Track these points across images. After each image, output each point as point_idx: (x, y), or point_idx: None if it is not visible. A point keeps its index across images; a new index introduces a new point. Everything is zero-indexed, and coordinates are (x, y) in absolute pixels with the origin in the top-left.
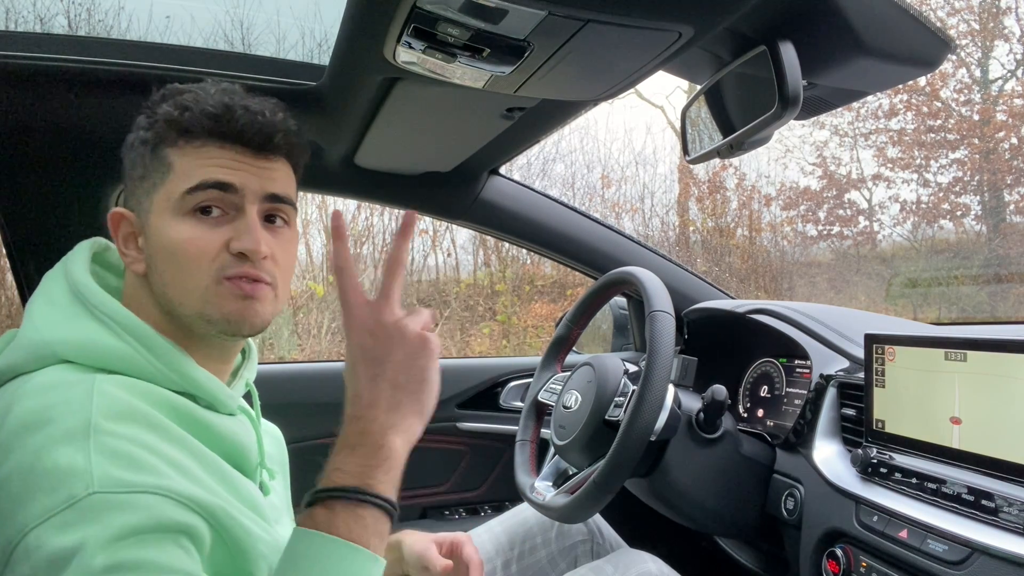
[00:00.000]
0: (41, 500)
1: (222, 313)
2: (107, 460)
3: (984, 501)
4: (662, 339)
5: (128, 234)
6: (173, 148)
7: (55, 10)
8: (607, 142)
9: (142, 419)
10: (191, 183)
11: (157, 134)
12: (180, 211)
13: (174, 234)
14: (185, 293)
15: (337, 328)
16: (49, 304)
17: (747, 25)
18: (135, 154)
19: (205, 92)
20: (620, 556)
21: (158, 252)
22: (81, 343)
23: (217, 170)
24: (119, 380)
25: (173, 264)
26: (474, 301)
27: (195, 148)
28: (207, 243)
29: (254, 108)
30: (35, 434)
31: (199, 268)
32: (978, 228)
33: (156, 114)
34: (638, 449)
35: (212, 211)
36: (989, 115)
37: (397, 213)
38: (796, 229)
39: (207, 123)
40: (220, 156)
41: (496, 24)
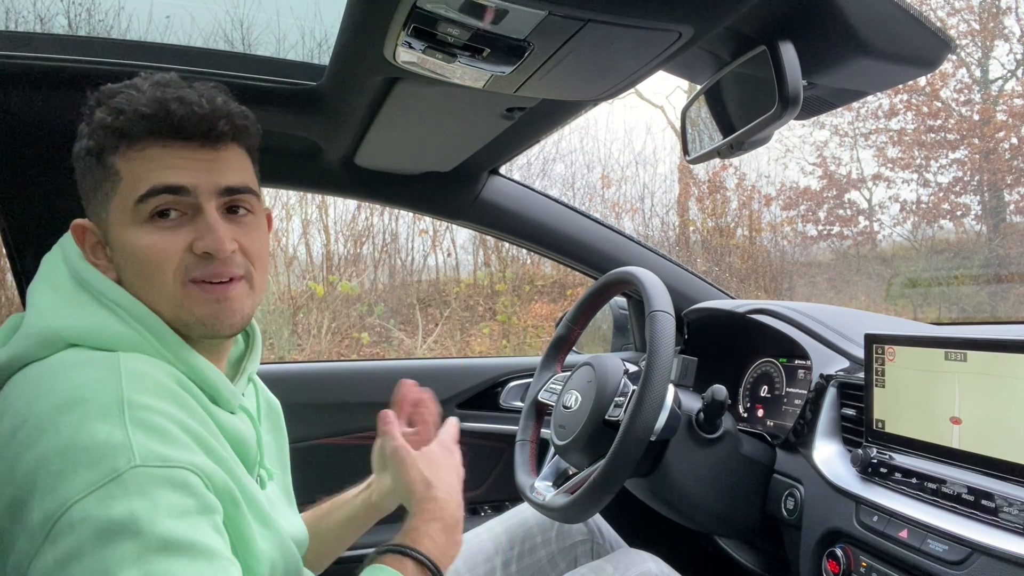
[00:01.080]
0: (83, 474)
1: (196, 316)
2: (144, 434)
3: (984, 501)
4: (662, 339)
5: (95, 244)
6: (116, 155)
7: (55, 10)
8: (607, 142)
9: (169, 395)
10: (141, 191)
11: (98, 142)
12: (137, 220)
13: (135, 242)
14: (157, 300)
15: (337, 328)
16: (53, 291)
17: (747, 25)
18: (83, 164)
19: (138, 90)
20: (620, 556)
21: (124, 261)
22: (89, 329)
23: (164, 172)
24: (142, 357)
25: (139, 272)
26: (474, 301)
27: (138, 152)
28: (168, 248)
29: (189, 99)
30: (70, 413)
31: (164, 274)
32: (978, 228)
33: (94, 121)
34: (638, 449)
35: (170, 214)
36: (989, 115)
37: (397, 213)
38: (796, 229)
39: (144, 124)
40: (164, 156)
41: (496, 24)
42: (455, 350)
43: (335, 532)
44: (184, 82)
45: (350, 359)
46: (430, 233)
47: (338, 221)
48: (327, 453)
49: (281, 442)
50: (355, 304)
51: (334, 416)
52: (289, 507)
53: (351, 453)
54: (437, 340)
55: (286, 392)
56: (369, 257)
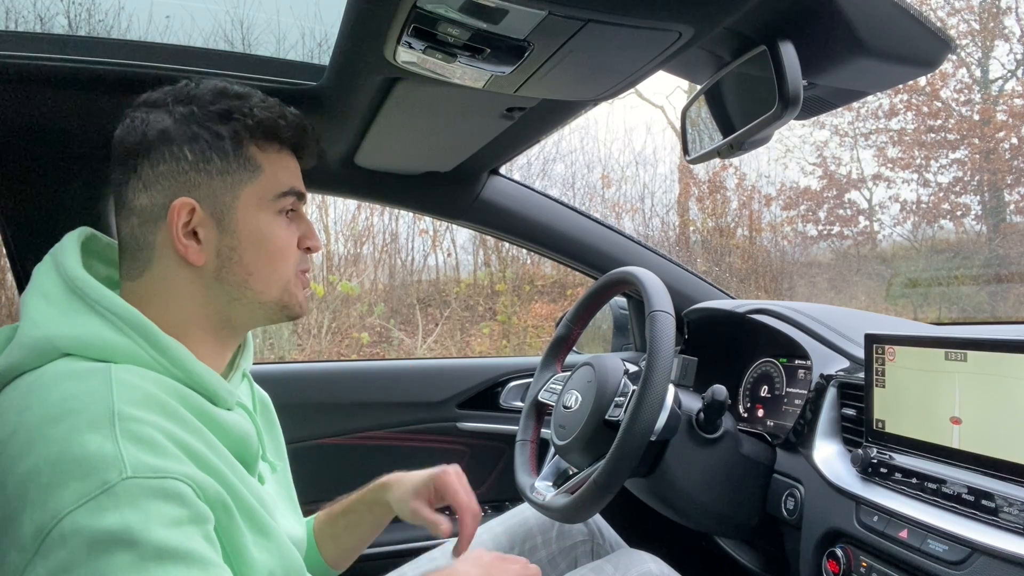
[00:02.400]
0: (74, 487)
1: (297, 300)
2: (135, 446)
3: (984, 501)
4: (662, 339)
5: (187, 224)
6: (257, 148)
7: (55, 10)
8: (607, 142)
9: (159, 407)
10: (283, 188)
11: (239, 131)
12: (272, 210)
13: (270, 230)
14: (271, 282)
15: (337, 328)
16: (45, 300)
17: (747, 25)
18: (205, 146)
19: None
20: (620, 556)
21: (247, 244)
22: (82, 338)
23: (294, 179)
24: (133, 369)
25: (264, 255)
26: (474, 301)
27: (276, 153)
28: (291, 241)
29: (304, 123)
30: (59, 424)
31: (287, 261)
32: (978, 228)
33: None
34: (638, 449)
35: (289, 214)
36: (989, 115)
37: (397, 213)
38: (796, 229)
39: (291, 135)
40: (289, 164)
41: (496, 24)
42: (455, 350)
43: (354, 531)
44: None
45: (350, 359)
46: (430, 233)
47: (338, 221)
48: (327, 453)
49: (276, 436)
50: (355, 304)
51: (334, 416)
52: (290, 504)
53: (351, 453)
54: (437, 340)
55: (286, 392)
56: (369, 257)
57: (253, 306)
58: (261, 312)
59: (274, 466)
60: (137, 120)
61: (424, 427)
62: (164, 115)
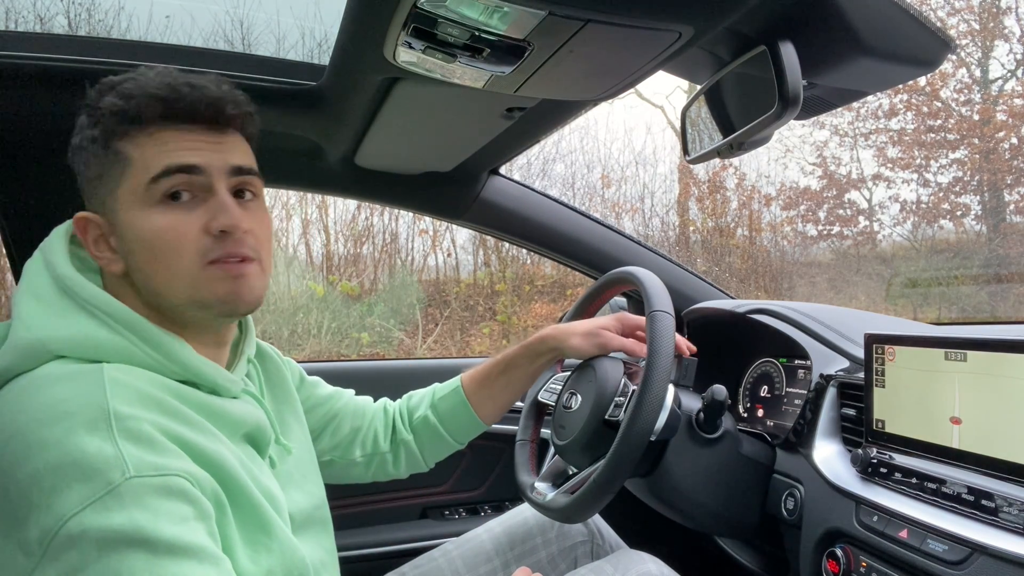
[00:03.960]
0: (77, 489)
1: (215, 296)
2: (134, 445)
3: (984, 501)
4: (662, 339)
5: (98, 236)
6: (125, 140)
7: (55, 10)
8: (607, 142)
9: (154, 403)
10: (154, 171)
11: (105, 129)
12: (149, 202)
13: (149, 225)
14: (172, 283)
15: (337, 328)
16: (37, 300)
17: (747, 25)
18: (86, 155)
19: (145, 77)
20: (620, 556)
21: (136, 247)
22: (75, 339)
23: (178, 153)
24: (125, 367)
25: (154, 256)
26: (474, 301)
27: (148, 136)
28: (185, 229)
29: (198, 83)
30: (55, 427)
31: (182, 255)
32: (978, 228)
33: (100, 109)
34: (638, 449)
35: (182, 196)
36: (989, 115)
37: (397, 213)
38: (796, 229)
39: (156, 107)
40: (176, 139)
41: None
42: (455, 350)
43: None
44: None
45: (350, 359)
46: (430, 233)
47: (338, 221)
48: None
49: (293, 406)
50: (355, 304)
51: None
52: (312, 476)
53: None
54: (437, 340)
55: None
56: (369, 257)
57: (176, 309)
58: (188, 314)
59: (288, 448)
60: None
61: None
62: None
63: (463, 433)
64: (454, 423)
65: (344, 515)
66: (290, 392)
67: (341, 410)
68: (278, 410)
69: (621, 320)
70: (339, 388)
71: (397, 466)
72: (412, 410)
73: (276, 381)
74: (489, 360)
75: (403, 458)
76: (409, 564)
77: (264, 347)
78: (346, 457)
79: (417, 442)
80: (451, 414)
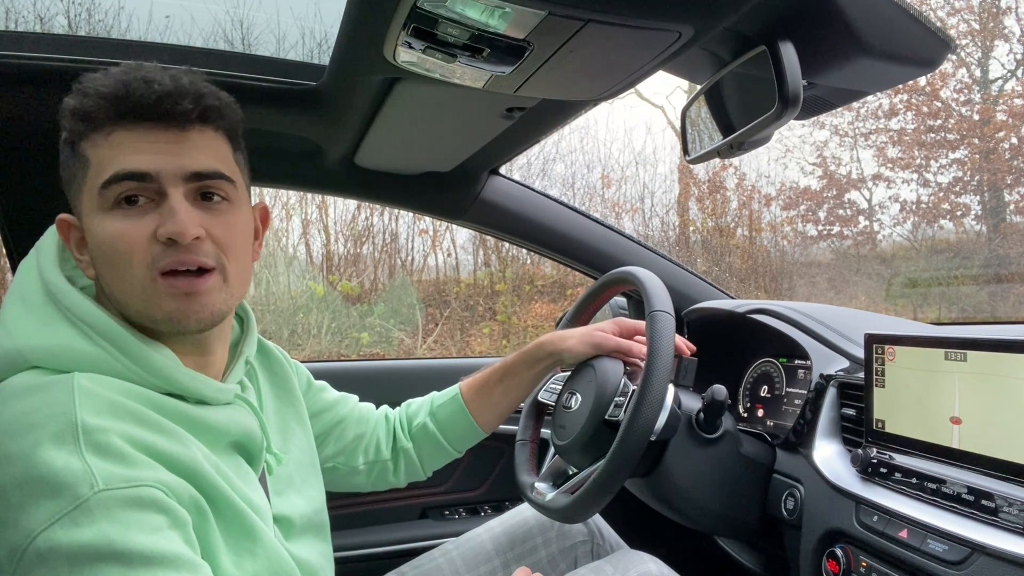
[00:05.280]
0: (45, 505)
1: (163, 312)
2: (101, 458)
3: (984, 501)
4: (662, 339)
5: (79, 239)
6: (85, 141)
7: (55, 10)
8: (607, 142)
9: (126, 413)
10: (104, 177)
11: (70, 130)
12: (104, 207)
13: (102, 231)
14: (126, 292)
15: (337, 328)
16: (24, 306)
17: (747, 25)
18: (63, 156)
19: (105, 74)
20: (620, 557)
21: (96, 253)
22: (52, 350)
23: (127, 158)
24: (97, 377)
25: (109, 263)
26: (474, 301)
27: (104, 137)
28: (134, 235)
29: (154, 78)
30: (21, 440)
31: (131, 263)
32: (978, 228)
33: (64, 109)
34: (638, 449)
35: (137, 200)
36: (989, 115)
37: (397, 213)
38: (796, 229)
39: (106, 105)
40: (129, 141)
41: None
42: (455, 350)
43: (512, 393)
44: (160, 68)
45: (350, 359)
46: (430, 233)
47: (338, 221)
48: None
49: (297, 410)
50: (355, 304)
51: None
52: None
53: None
54: (437, 340)
55: None
56: (369, 257)
57: (133, 318)
58: (151, 326)
59: (279, 458)
60: None
61: None
62: None
63: (462, 441)
64: (453, 431)
65: (344, 515)
66: (294, 396)
67: (346, 416)
68: (280, 414)
69: (619, 324)
70: (345, 393)
71: (397, 474)
72: (411, 418)
73: (279, 384)
74: (488, 367)
75: (402, 466)
76: (409, 564)
77: (271, 348)
78: (349, 464)
79: (416, 450)
80: (450, 421)
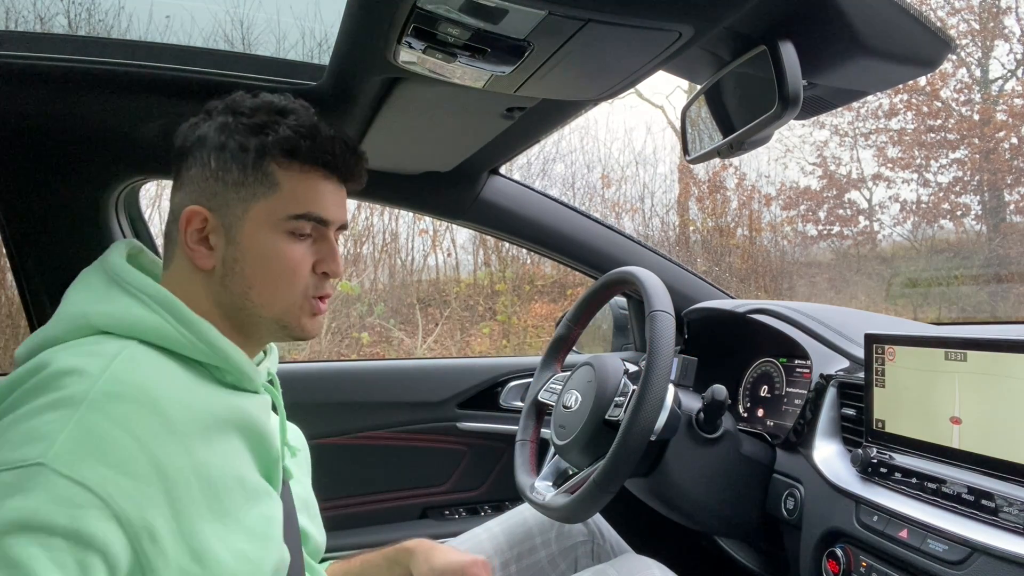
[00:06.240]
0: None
1: (300, 324)
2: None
3: (984, 501)
4: (662, 339)
5: (199, 230)
6: (279, 166)
7: (55, 10)
8: (607, 142)
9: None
10: (298, 210)
11: (263, 146)
12: (280, 229)
13: (275, 249)
14: (272, 300)
15: (337, 328)
16: (86, 288)
17: (747, 25)
18: (228, 157)
19: (306, 115)
20: (624, 561)
21: (250, 258)
22: (113, 313)
23: (320, 204)
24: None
25: (267, 273)
26: (474, 301)
27: (302, 172)
28: (302, 263)
29: (348, 142)
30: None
31: (293, 284)
32: (978, 228)
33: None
34: (638, 449)
35: (305, 232)
36: (989, 115)
37: (397, 213)
38: (796, 229)
39: (322, 156)
40: (323, 188)
41: (496, 24)
42: (455, 350)
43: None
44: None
45: (350, 359)
46: (430, 233)
47: None
48: (327, 453)
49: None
50: (355, 304)
51: (333, 416)
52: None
53: (351, 453)
54: (437, 340)
55: (285, 392)
56: (369, 257)
57: (255, 318)
58: (263, 326)
59: (293, 451)
60: (191, 125)
61: (424, 427)
62: (210, 122)
63: None
64: None
65: (344, 515)
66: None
67: None
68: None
69: None
70: None
71: None
72: None
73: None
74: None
75: None
76: None
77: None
78: None
79: None
80: None
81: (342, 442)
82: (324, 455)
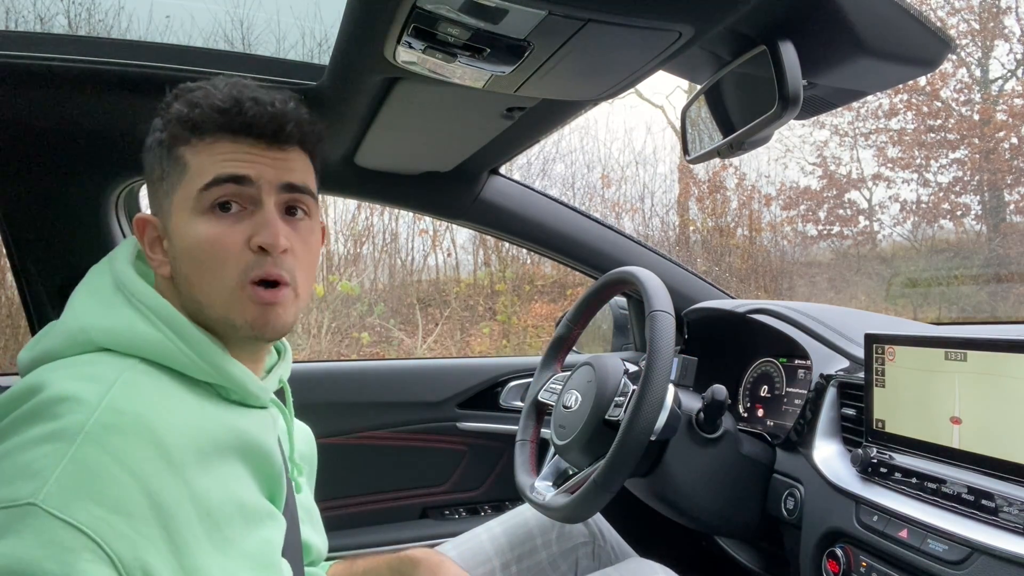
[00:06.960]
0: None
1: (244, 319)
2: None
3: (984, 501)
4: (662, 339)
5: (154, 238)
6: (187, 147)
7: (55, 10)
8: (607, 142)
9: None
10: (206, 179)
11: (171, 134)
12: (198, 209)
13: (194, 233)
14: (211, 295)
15: (337, 328)
16: (91, 294)
17: (747, 25)
18: (152, 156)
19: (214, 87)
20: (628, 565)
21: (181, 254)
22: (115, 329)
23: (231, 164)
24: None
25: (197, 265)
26: (474, 301)
27: (207, 144)
28: (229, 241)
29: (263, 99)
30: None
31: (223, 268)
32: (978, 228)
33: (169, 114)
34: (638, 449)
35: (231, 207)
36: (989, 115)
37: (397, 213)
38: (796, 229)
39: (217, 118)
40: (233, 150)
41: (496, 24)
42: (455, 350)
43: None
44: (263, 88)
45: (350, 359)
46: (430, 233)
47: (338, 221)
48: (326, 453)
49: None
50: (355, 304)
51: (334, 416)
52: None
53: (351, 453)
54: (437, 340)
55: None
56: (369, 257)
57: (211, 322)
58: (224, 330)
59: (300, 469)
60: None
61: (424, 427)
62: None
63: None
64: None
65: (344, 515)
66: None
67: None
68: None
69: None
70: None
71: None
72: None
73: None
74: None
75: None
76: None
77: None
78: None
79: None
80: None
81: (342, 442)
82: (324, 455)
